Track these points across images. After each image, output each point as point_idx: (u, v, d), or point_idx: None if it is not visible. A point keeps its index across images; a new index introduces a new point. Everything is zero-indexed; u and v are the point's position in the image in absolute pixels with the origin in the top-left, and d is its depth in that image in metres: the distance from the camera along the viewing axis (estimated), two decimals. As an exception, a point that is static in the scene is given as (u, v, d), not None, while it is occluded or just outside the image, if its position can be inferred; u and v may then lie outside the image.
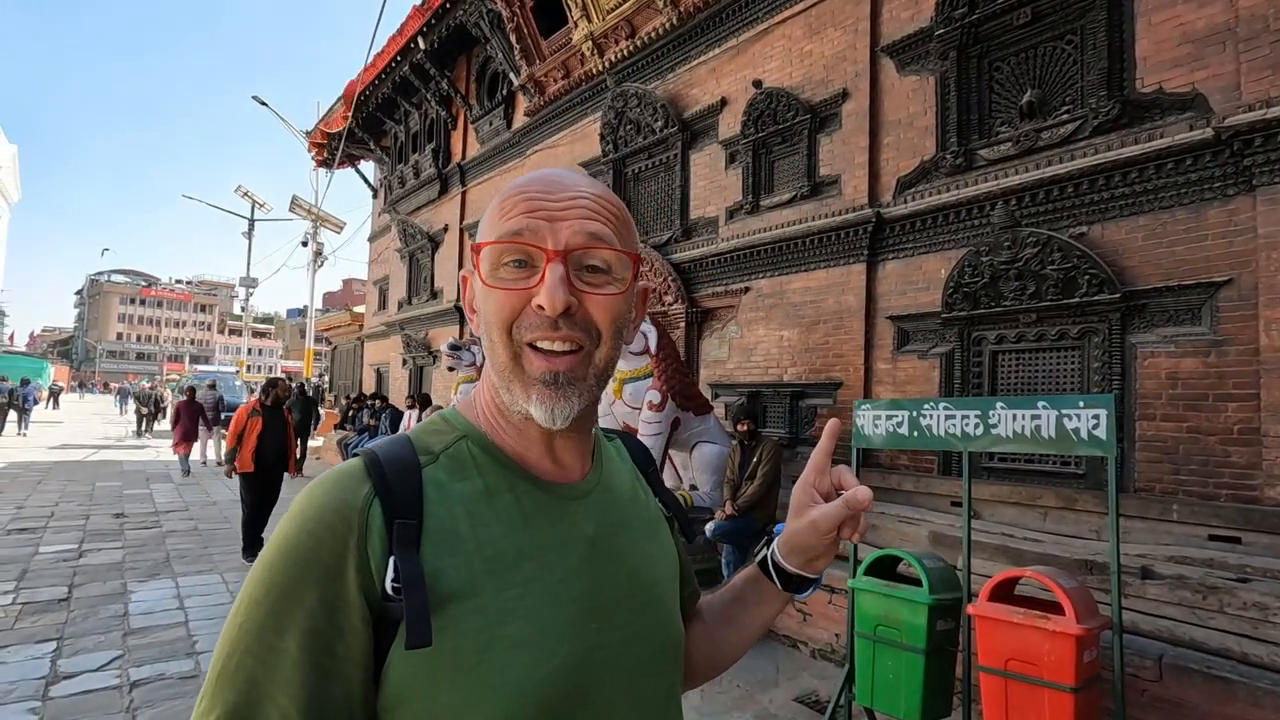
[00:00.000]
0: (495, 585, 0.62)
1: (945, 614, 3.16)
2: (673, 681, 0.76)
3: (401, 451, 0.66)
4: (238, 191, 25.19)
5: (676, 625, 0.77)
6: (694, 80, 7.43)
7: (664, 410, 5.36)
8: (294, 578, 0.58)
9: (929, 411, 3.39)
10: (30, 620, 4.70)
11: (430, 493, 0.63)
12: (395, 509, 0.61)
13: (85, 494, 9.90)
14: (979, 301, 4.87)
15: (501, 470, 0.68)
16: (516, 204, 0.66)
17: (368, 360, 16.95)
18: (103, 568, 6.06)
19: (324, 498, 0.61)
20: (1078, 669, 2.67)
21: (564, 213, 0.65)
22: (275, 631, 0.57)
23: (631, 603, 0.70)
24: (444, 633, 0.58)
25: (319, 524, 0.59)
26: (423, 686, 0.59)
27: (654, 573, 0.76)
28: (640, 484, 0.84)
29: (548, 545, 0.66)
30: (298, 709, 0.56)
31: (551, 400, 0.64)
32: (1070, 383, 4.52)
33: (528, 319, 0.64)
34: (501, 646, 0.60)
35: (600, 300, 0.66)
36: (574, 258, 0.65)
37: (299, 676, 0.56)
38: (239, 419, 6.50)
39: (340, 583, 0.58)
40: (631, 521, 0.76)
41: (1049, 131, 4.65)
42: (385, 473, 0.63)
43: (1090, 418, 2.89)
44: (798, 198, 6.24)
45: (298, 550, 0.59)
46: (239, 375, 24.68)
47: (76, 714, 3.41)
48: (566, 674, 0.62)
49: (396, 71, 12.28)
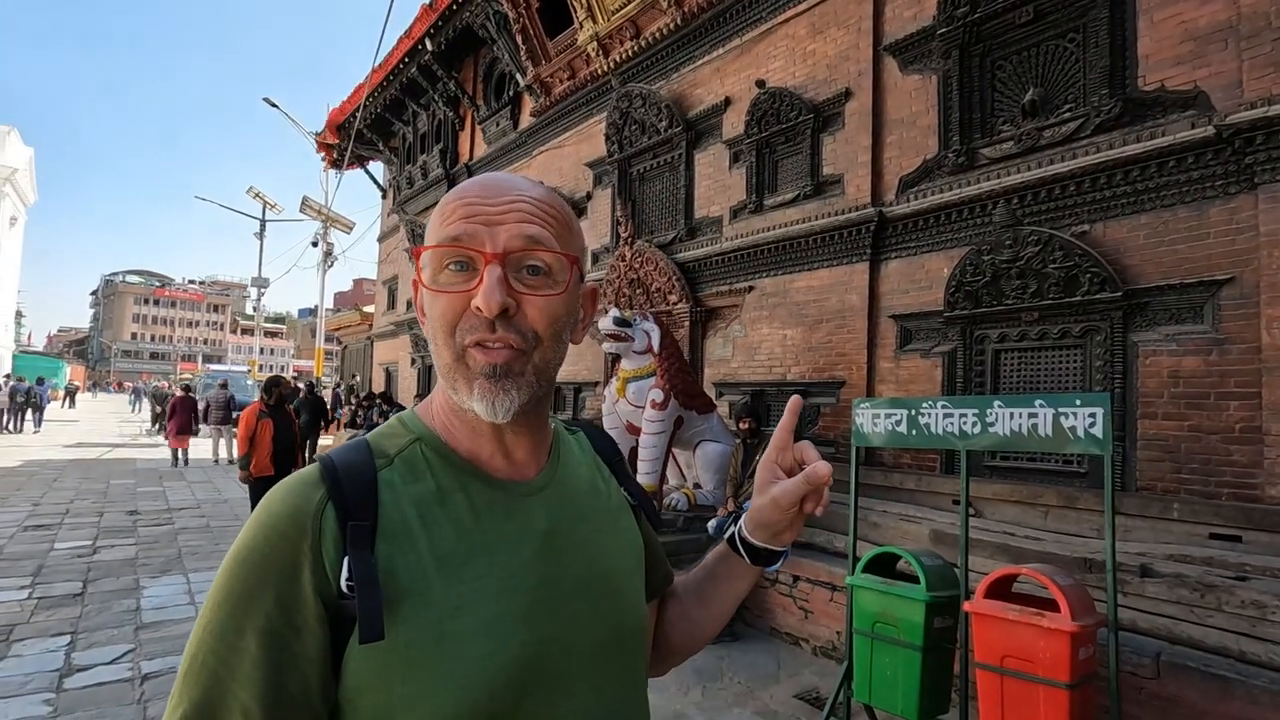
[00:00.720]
0: (446, 581, 0.64)
1: (942, 611, 3.18)
2: (635, 667, 0.77)
3: (357, 456, 0.68)
4: (249, 193, 25.37)
5: (637, 613, 0.79)
6: (698, 80, 7.45)
7: (667, 409, 5.39)
8: (252, 581, 0.61)
9: (927, 410, 3.40)
10: (45, 614, 4.80)
11: (384, 495, 0.66)
12: (349, 511, 0.63)
13: (100, 491, 10.06)
14: (981, 300, 4.87)
15: (453, 471, 0.70)
16: (456, 209, 0.67)
17: (377, 359, 17.09)
18: (116, 564, 6.17)
19: (280, 505, 0.64)
20: (1073, 666, 2.68)
21: (502, 216, 0.66)
22: (235, 631, 0.60)
23: (587, 593, 0.72)
24: (397, 627, 0.61)
25: (274, 530, 0.63)
26: (379, 679, 0.61)
27: (613, 563, 0.77)
28: (602, 475, 0.85)
29: (499, 541, 0.68)
30: (257, 703, 0.59)
31: (491, 394, 0.66)
32: (1072, 381, 4.52)
33: (468, 321, 0.66)
34: (453, 640, 0.62)
35: (538, 302, 0.67)
36: (512, 260, 0.66)
37: (258, 673, 0.59)
38: (248, 423, 6.35)
39: (296, 584, 0.61)
40: (589, 514, 0.78)
41: (1051, 130, 4.64)
42: (339, 477, 0.65)
43: (1087, 416, 2.90)
44: (801, 197, 6.26)
45: (255, 555, 0.62)
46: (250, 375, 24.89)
47: (90, 706, 3.49)
48: (519, 664, 0.65)
49: (405, 73, 12.37)
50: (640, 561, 0.84)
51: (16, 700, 3.51)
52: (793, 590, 4.75)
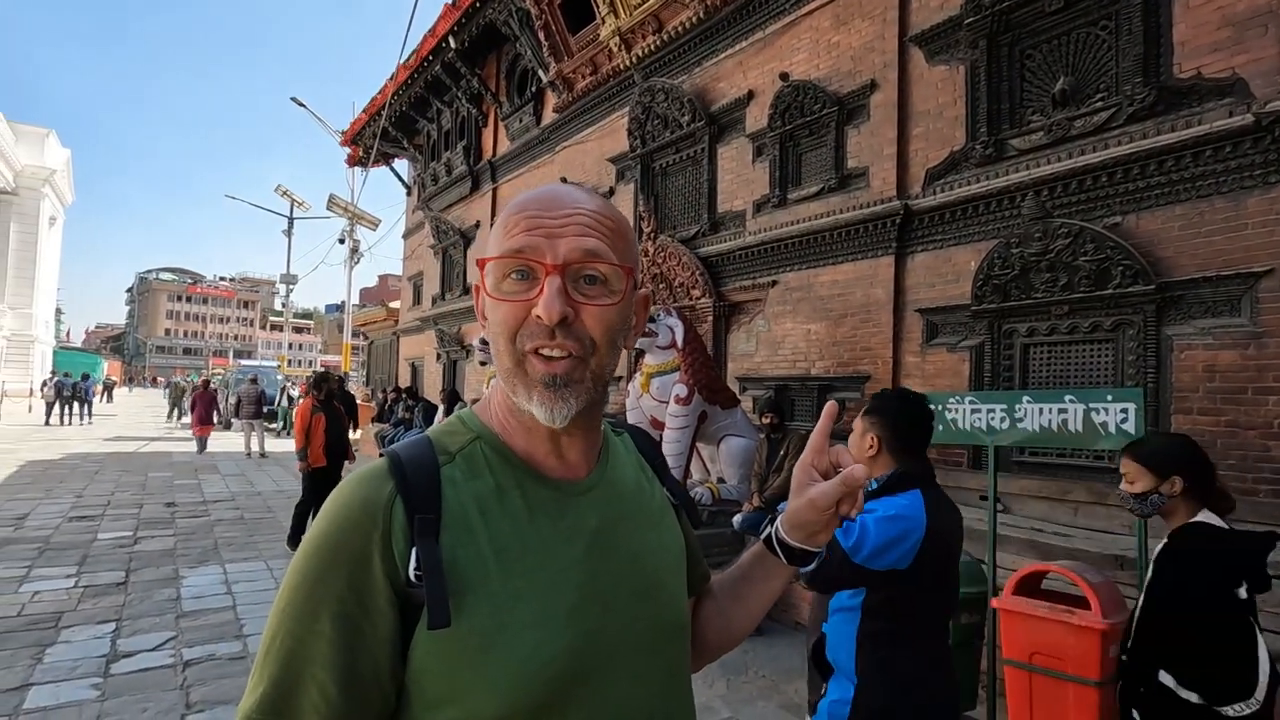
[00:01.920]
0: (504, 574, 0.68)
1: (969, 607, 3.16)
2: (676, 660, 0.81)
3: (421, 452, 0.73)
4: (277, 191, 25.83)
5: (678, 608, 0.82)
6: (721, 74, 7.43)
7: (690, 404, 5.41)
8: (326, 567, 0.66)
9: (954, 405, 3.38)
10: (91, 602, 4.98)
11: (447, 490, 0.70)
12: (415, 505, 0.68)
13: (138, 484, 10.36)
14: (1009, 294, 4.81)
15: (510, 470, 0.74)
16: (519, 221, 0.71)
17: (403, 355, 17.31)
18: (156, 554, 6.37)
19: (351, 496, 0.69)
20: (1103, 663, 2.66)
21: (562, 229, 0.70)
22: (311, 614, 0.65)
23: (632, 589, 0.76)
24: (460, 616, 0.65)
25: (347, 519, 0.67)
26: (442, 664, 0.66)
27: (656, 560, 0.80)
28: (646, 475, 0.89)
29: (552, 538, 0.72)
30: (333, 681, 0.63)
31: (551, 401, 0.70)
32: (1104, 376, 4.45)
33: (529, 328, 0.69)
34: (511, 629, 0.66)
35: (596, 311, 0.70)
36: (571, 271, 0.70)
37: (333, 654, 0.64)
38: (304, 417, 6.59)
39: (367, 570, 0.66)
40: (634, 513, 0.81)
41: (1082, 120, 4.56)
42: (406, 472, 0.70)
43: (1119, 411, 2.87)
44: (825, 190, 6.21)
45: (329, 543, 0.67)
46: (280, 369, 25.36)
47: (135, 691, 3.62)
48: (570, 655, 0.68)
49: (429, 70, 12.48)
50: (682, 559, 0.87)
51: (66, 684, 3.66)
52: (817, 585, 4.75)
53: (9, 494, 9.10)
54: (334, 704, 0.63)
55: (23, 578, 5.48)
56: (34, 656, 3.99)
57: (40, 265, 34.99)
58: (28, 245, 34.05)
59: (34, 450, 14.10)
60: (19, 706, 3.39)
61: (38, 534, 6.93)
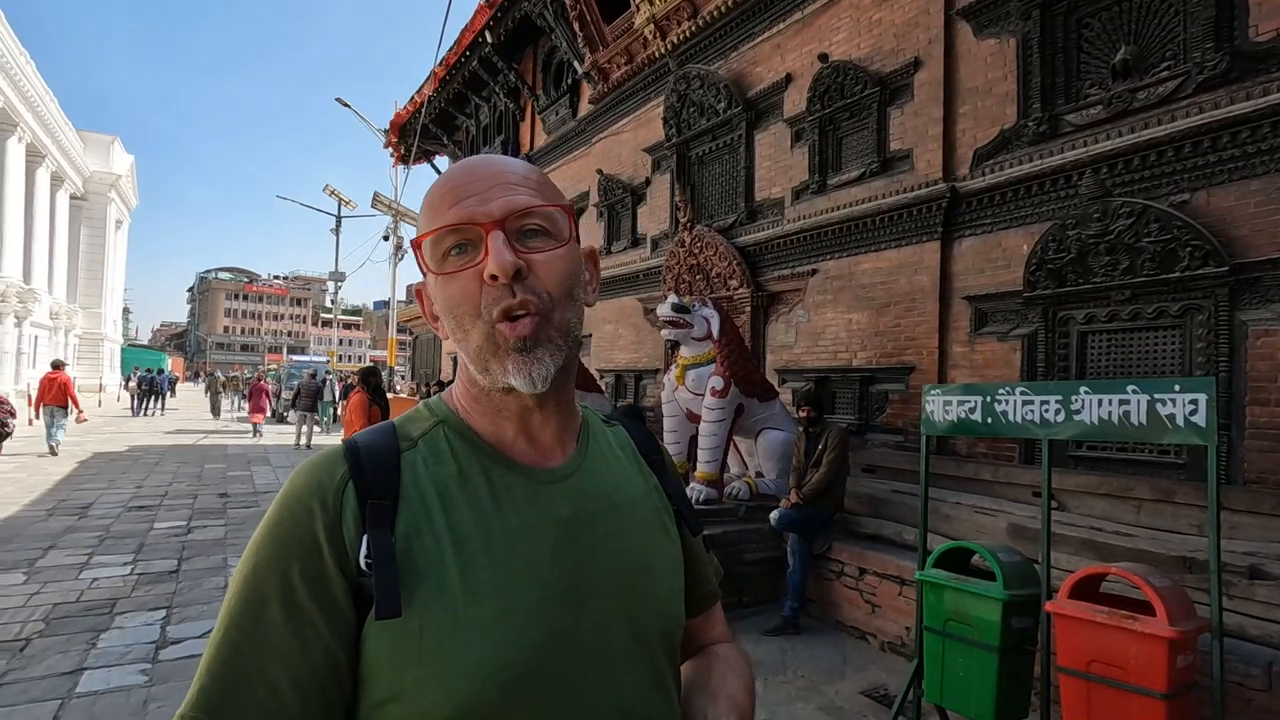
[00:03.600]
0: (463, 566, 0.63)
1: (1022, 611, 2.99)
2: (659, 670, 0.73)
3: (381, 438, 0.69)
4: (325, 190, 26.49)
5: (666, 615, 0.75)
6: (757, 58, 7.24)
7: (727, 396, 5.29)
8: (275, 554, 0.62)
9: (1004, 397, 3.19)
10: (145, 589, 5.15)
11: (406, 476, 0.66)
12: (369, 490, 0.64)
13: (195, 475, 10.76)
14: (1065, 279, 4.54)
15: (475, 454, 0.70)
16: (445, 195, 0.68)
17: (445, 348, 17.60)
18: (208, 543, 6.57)
19: (303, 481, 0.65)
20: (1170, 674, 2.47)
21: (490, 189, 0.67)
22: (260, 604, 0.60)
23: (610, 588, 0.70)
24: (412, 611, 0.61)
25: (297, 504, 0.64)
26: (392, 660, 0.61)
27: (643, 560, 0.74)
28: (640, 470, 0.82)
29: (519, 528, 0.67)
30: (282, 675, 0.58)
31: (527, 365, 0.66)
32: (1170, 365, 4.16)
33: (488, 294, 0.66)
34: (467, 627, 0.61)
35: (544, 259, 0.67)
36: (511, 225, 0.66)
37: (283, 645, 0.59)
38: (361, 411, 6.79)
39: (318, 558, 0.61)
40: (618, 506, 0.75)
41: (1146, 91, 4.26)
42: (361, 456, 0.66)
43: (1188, 403, 2.65)
44: (867, 175, 5.99)
45: (278, 529, 0.63)
46: (330, 364, 26.11)
47: (181, 677, 3.72)
48: (533, 655, 0.63)
49: (466, 66, 12.57)
50: (678, 564, 0.80)
51: (117, 670, 3.78)
52: (859, 583, 4.60)
53: (76, 484, 9.56)
54: (285, 700, 0.58)
55: (83, 565, 5.72)
56: (89, 641, 4.13)
57: (108, 267, 36.73)
58: (96, 248, 35.77)
59: (100, 443, 14.80)
60: (72, 690, 3.51)
61: (99, 523, 7.24)
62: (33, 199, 27.63)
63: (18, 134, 25.25)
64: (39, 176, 28.28)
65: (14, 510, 7.75)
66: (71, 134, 31.38)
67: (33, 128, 26.43)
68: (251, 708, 0.58)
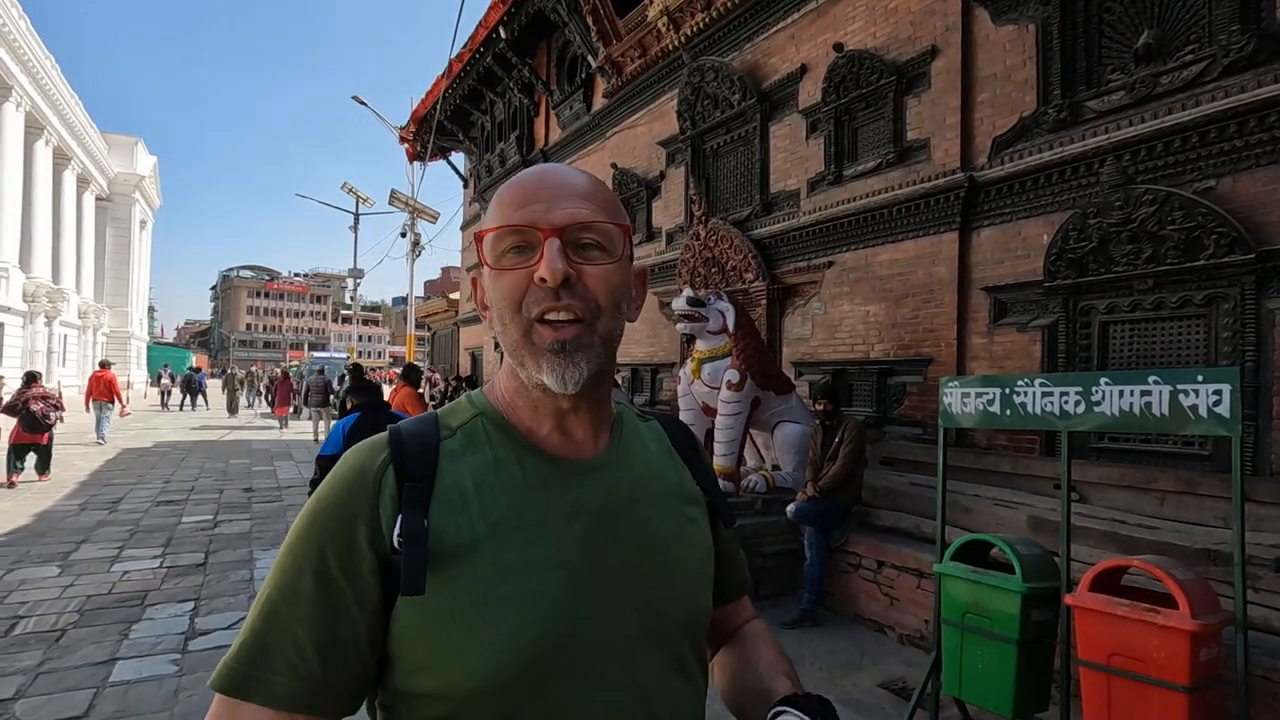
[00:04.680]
0: (494, 547, 0.67)
1: (1041, 604, 2.97)
2: (683, 659, 0.76)
3: (423, 426, 0.74)
4: (343, 188, 26.66)
5: (691, 605, 0.78)
6: (772, 49, 7.18)
7: (743, 390, 5.28)
8: (316, 529, 0.68)
9: (1023, 389, 3.16)
10: (174, 582, 5.28)
11: (444, 462, 0.71)
12: (407, 474, 0.69)
13: (220, 470, 10.97)
14: (1086, 268, 4.48)
15: (511, 443, 0.74)
16: (512, 197, 0.71)
17: (463, 344, 17.73)
18: (233, 537, 6.71)
19: (347, 464, 0.71)
20: (1193, 668, 2.44)
21: (556, 199, 0.70)
22: (296, 572, 0.66)
23: (634, 576, 0.73)
24: (443, 586, 0.65)
25: (341, 485, 0.69)
26: (421, 634, 0.65)
27: (670, 551, 0.77)
28: (673, 463, 0.85)
29: (549, 514, 0.70)
30: (310, 640, 0.65)
31: (561, 367, 0.69)
32: (1194, 355, 4.09)
33: (533, 294, 0.69)
34: (495, 604, 0.65)
35: (596, 272, 0.70)
36: (569, 235, 0.69)
37: (311, 613, 0.65)
38: (414, 404, 7.08)
39: (352, 535, 0.67)
40: (648, 497, 0.78)
41: (1170, 75, 4.17)
42: (404, 442, 0.71)
43: (1211, 393, 2.60)
44: (883, 165, 5.94)
45: (320, 506, 0.69)
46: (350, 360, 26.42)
47: (210, 667, 3.79)
48: (557, 638, 0.66)
49: (481, 62, 12.61)
50: (708, 556, 0.83)
51: (149, 660, 3.88)
52: (877, 576, 4.59)
53: (107, 479, 9.79)
54: (308, 661, 0.64)
55: (114, 558, 5.87)
56: (121, 632, 4.25)
57: (133, 266, 37.41)
58: (122, 248, 36.44)
59: (129, 439, 15.12)
60: (105, 679, 3.62)
61: (129, 517, 7.42)
62: (60, 201, 28.21)
63: (45, 137, 25.77)
64: (66, 179, 28.85)
65: (48, 505, 7.97)
66: (96, 136, 31.94)
67: (59, 131, 26.95)
68: (280, 664, 0.64)
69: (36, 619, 4.43)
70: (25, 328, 23.38)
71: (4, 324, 21.57)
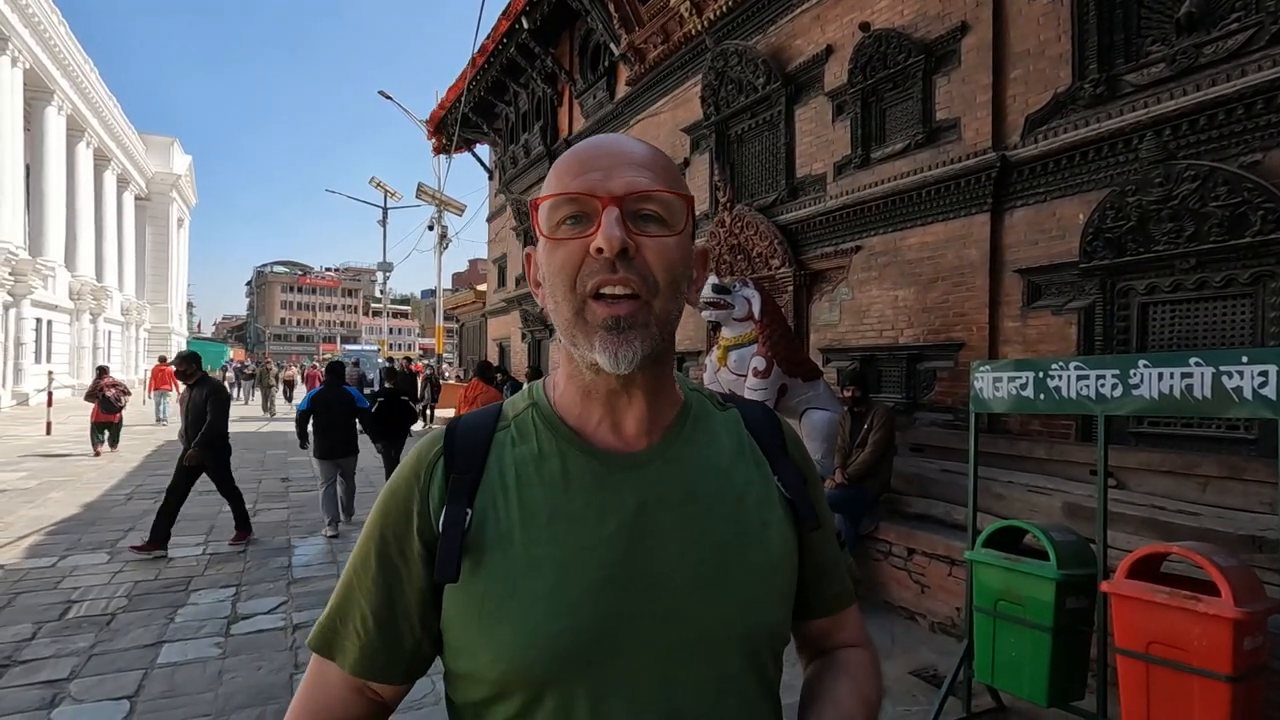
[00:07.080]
0: (527, 539, 0.68)
1: (1076, 591, 2.91)
2: (731, 674, 0.69)
3: (482, 418, 0.77)
4: (371, 182, 27.07)
5: (751, 615, 0.70)
6: (796, 30, 7.07)
7: (769, 377, 5.25)
8: (381, 514, 0.74)
9: (1057, 372, 3.09)
10: (216, 569, 5.45)
11: (493, 454, 0.73)
12: (455, 465, 0.72)
13: (258, 461, 11.26)
14: (1125, 248, 4.34)
15: (555, 436, 0.73)
16: (571, 165, 0.69)
17: (491, 335, 17.88)
18: (271, 525, 6.90)
19: (411, 456, 0.76)
20: (1236, 657, 2.38)
21: (615, 167, 0.68)
22: (365, 554, 0.74)
23: (679, 581, 0.68)
24: (477, 575, 0.67)
25: (402, 473, 0.75)
26: (460, 620, 0.69)
27: (724, 554, 0.70)
28: (751, 459, 0.78)
29: (583, 510, 0.69)
30: (371, 612, 0.72)
31: (615, 344, 0.66)
32: (1240, 336, 3.95)
33: (588, 266, 0.66)
34: (523, 596, 0.66)
35: (655, 245, 0.67)
36: (628, 206, 0.67)
37: (374, 589, 0.72)
38: (480, 396, 7.44)
39: (406, 523, 0.72)
40: (703, 497, 0.72)
41: (1213, 45, 4.01)
42: (457, 434, 0.75)
43: (1257, 375, 2.52)
44: (912, 146, 5.82)
45: (387, 494, 0.75)
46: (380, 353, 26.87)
47: (251, 650, 3.93)
48: (587, 635, 0.65)
49: (504, 53, 12.63)
50: (781, 564, 0.75)
51: (194, 642, 4.02)
52: (908, 563, 4.54)
53: (151, 470, 10.12)
54: (370, 632, 0.72)
55: (160, 545, 6.07)
56: (168, 616, 4.41)
57: (172, 264, 38.47)
58: (160, 246, 37.48)
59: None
60: (154, 661, 3.76)
61: (173, 506, 7.65)
62: (101, 201, 29.05)
63: (85, 139, 26.53)
64: (106, 179, 29.70)
65: (96, 495, 8.27)
66: (134, 137, 32.79)
67: (99, 133, 27.71)
68: (347, 633, 0.73)
69: (88, 603, 4.62)
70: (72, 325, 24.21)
71: (52, 321, 22.35)
